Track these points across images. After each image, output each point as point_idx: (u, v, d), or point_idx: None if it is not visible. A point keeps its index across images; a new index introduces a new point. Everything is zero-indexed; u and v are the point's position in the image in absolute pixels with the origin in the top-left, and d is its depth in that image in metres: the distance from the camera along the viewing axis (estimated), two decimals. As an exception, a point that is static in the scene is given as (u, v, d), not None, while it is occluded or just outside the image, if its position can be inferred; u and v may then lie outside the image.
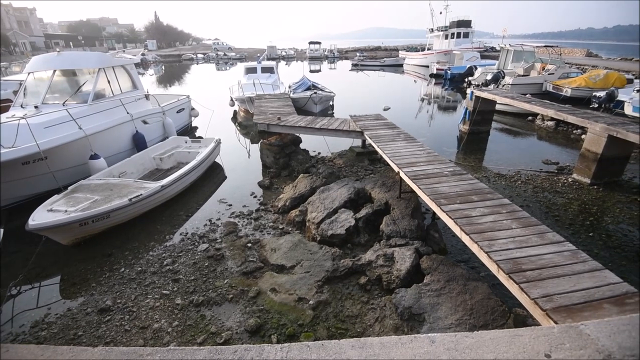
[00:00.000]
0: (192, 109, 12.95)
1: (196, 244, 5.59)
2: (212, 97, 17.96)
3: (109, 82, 8.82)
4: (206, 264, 5.04)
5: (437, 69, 28.02)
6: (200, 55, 57.14)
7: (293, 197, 6.67)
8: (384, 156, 6.34)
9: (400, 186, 5.96)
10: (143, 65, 45.17)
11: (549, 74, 16.52)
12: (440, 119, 15.80)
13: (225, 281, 4.66)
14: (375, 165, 8.74)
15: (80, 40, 68.50)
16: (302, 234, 5.79)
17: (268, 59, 43.41)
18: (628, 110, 12.40)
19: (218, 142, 8.96)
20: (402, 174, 5.42)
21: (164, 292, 4.55)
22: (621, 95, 13.17)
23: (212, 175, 8.59)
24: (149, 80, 30.56)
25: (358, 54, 48.35)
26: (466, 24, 35.71)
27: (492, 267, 3.20)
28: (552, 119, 11.64)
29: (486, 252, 3.24)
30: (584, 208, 6.58)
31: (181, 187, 7.17)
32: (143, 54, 49.27)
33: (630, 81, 15.81)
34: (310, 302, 4.15)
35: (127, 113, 8.78)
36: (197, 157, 7.81)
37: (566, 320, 2.51)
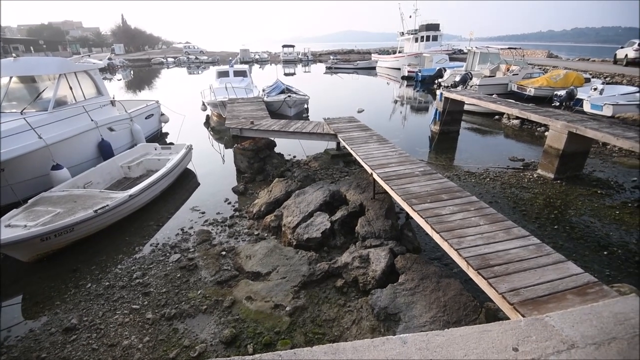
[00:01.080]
0: (162, 114, 12.58)
1: (167, 254, 5.40)
2: (183, 101, 17.55)
3: (70, 88, 8.43)
4: (178, 275, 4.88)
5: (409, 71, 28.64)
6: (170, 59, 55.71)
7: (268, 202, 6.60)
8: (357, 158, 6.39)
9: (374, 187, 6.02)
10: (110, 70, 43.63)
11: (513, 75, 17.25)
12: (413, 120, 16.16)
13: (199, 292, 4.53)
14: (350, 167, 8.80)
15: (42, 45, 65.18)
16: (277, 239, 5.73)
17: (241, 63, 42.86)
18: (587, 107, 13.14)
19: (189, 148, 8.74)
20: (375, 175, 5.47)
21: (134, 306, 4.36)
22: (580, 94, 13.94)
23: (184, 182, 8.36)
24: (116, 86, 29.47)
25: (332, 57, 48.69)
26: (434, 27, 36.78)
27: (462, 264, 3.27)
28: (517, 117, 12.13)
29: (456, 250, 3.32)
30: (548, 202, 6.88)
31: (151, 196, 6.93)
32: (110, 59, 47.62)
33: (588, 80, 16.76)
34: (287, 308, 4.10)
35: (92, 120, 8.41)
36: (167, 164, 7.58)
37: (532, 313, 2.60)
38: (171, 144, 9.41)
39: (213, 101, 13.80)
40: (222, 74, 16.98)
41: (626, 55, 23.34)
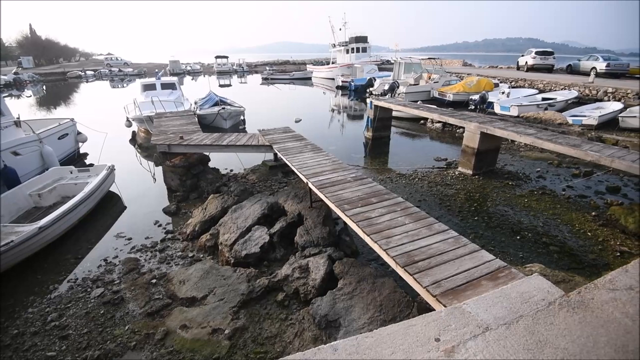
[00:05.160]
0: (79, 133, 11.44)
1: (89, 290, 4.86)
2: (106, 118, 16.24)
3: (-41, 110, 7.31)
4: (102, 312, 4.42)
5: (342, 81, 29.69)
6: (90, 72, 51.09)
7: (203, 220, 6.31)
8: (293, 168, 6.42)
9: (310, 196, 6.08)
10: (17, 85, 38.70)
11: (434, 83, 18.80)
12: (350, 128, 16.73)
13: (127, 327, 4.13)
14: (289, 177, 8.80)
15: None
16: (214, 259, 5.48)
17: (171, 74, 40.74)
18: (497, 109, 14.80)
19: (111, 169, 8.02)
20: (310, 184, 5.54)
21: (50, 354, 3.85)
22: (491, 97, 15.68)
23: (107, 207, 7.63)
24: (25, 103, 26.17)
25: (268, 68, 48.65)
26: (363, 39, 38.59)
27: (391, 263, 3.43)
28: (438, 121, 13.21)
29: (384, 250, 3.47)
30: (469, 196, 7.55)
31: (67, 226, 6.21)
32: (16, 73, 42.33)
33: (497, 85, 18.93)
34: (226, 331, 3.93)
35: (-11, 145, 7.37)
36: (85, 189, 6.86)
37: (453, 302, 2.79)
38: (91, 165, 8.56)
39: (138, 116, 12.90)
40: (148, 87, 16.00)
41: (526, 62, 26.76)
